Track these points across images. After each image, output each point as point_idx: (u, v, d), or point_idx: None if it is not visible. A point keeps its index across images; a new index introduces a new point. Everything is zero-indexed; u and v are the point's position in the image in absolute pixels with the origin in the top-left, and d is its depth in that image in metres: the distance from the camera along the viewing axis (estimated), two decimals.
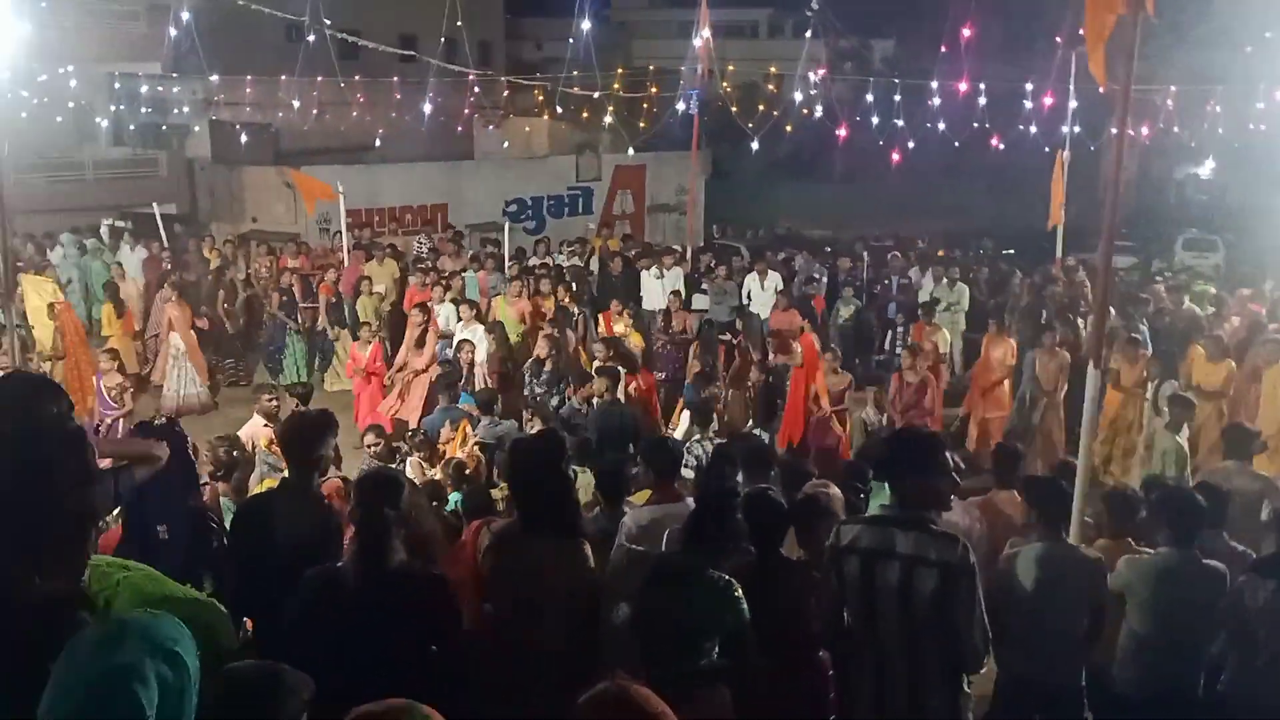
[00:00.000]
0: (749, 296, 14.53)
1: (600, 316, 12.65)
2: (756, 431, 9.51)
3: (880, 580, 3.56)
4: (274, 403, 8.41)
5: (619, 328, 11.79)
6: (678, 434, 8.74)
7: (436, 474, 7.68)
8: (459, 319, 11.79)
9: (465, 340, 11.00)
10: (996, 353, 11.09)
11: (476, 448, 8.39)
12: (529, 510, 4.01)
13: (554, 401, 9.89)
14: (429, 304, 12.04)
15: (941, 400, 10.63)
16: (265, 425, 8.06)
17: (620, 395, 9.14)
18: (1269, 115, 18.05)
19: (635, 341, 11.58)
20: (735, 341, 11.67)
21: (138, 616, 2.06)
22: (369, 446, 7.76)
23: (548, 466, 3.97)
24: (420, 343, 10.95)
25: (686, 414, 8.94)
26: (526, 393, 10.24)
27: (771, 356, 11.38)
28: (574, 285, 13.55)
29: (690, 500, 4.92)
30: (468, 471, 7.69)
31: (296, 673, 2.25)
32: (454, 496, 7.20)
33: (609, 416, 8.64)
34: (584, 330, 12.49)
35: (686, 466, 7.23)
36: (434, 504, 6.40)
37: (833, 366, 10.28)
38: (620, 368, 9.50)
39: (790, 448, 9.83)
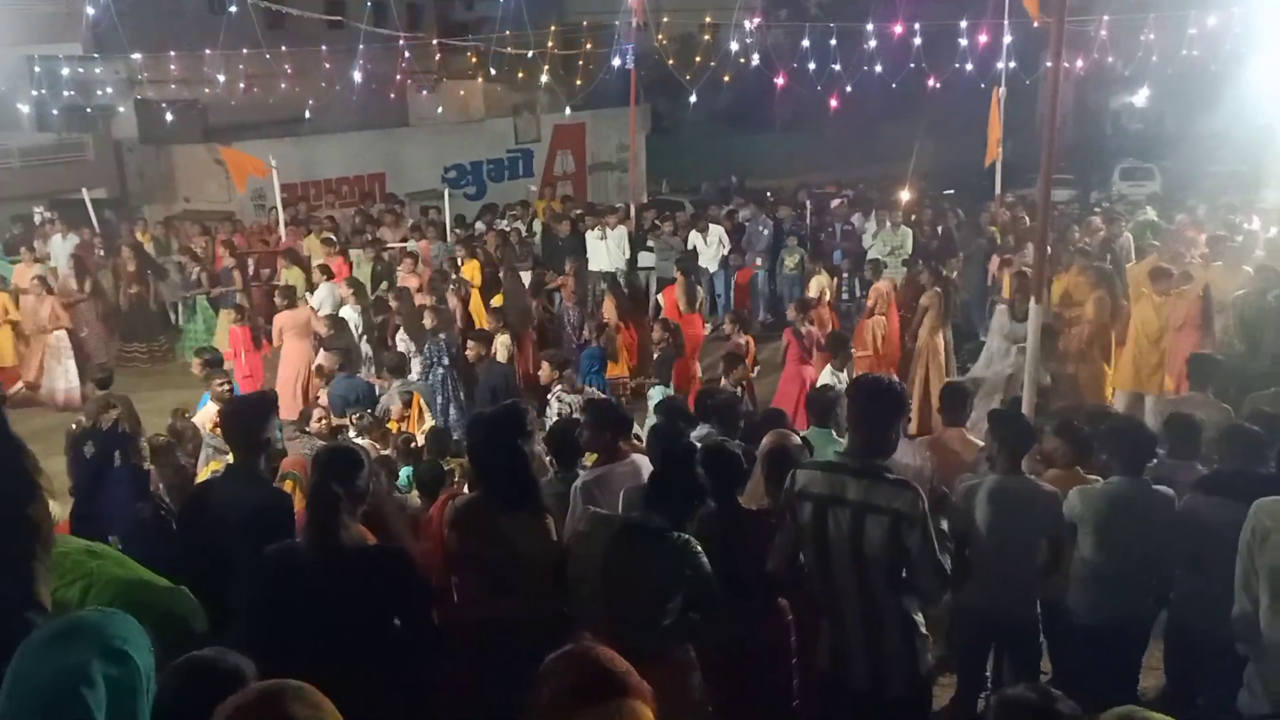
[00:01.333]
0: (693, 251, 14.50)
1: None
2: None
3: (832, 526, 3.60)
4: (225, 387, 8.39)
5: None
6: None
7: (386, 450, 7.63)
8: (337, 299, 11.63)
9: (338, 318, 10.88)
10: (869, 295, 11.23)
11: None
12: (490, 484, 3.98)
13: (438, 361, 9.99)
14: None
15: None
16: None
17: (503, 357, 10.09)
18: (1201, 41, 18.28)
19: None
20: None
21: (88, 615, 2.05)
22: (318, 420, 7.70)
23: (508, 440, 3.94)
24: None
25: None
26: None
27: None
28: (477, 251, 13.40)
29: (636, 457, 4.93)
30: (414, 445, 7.66)
31: (239, 656, 2.22)
32: (405, 470, 7.17)
33: (491, 375, 9.41)
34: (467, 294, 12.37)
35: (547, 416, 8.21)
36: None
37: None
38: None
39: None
